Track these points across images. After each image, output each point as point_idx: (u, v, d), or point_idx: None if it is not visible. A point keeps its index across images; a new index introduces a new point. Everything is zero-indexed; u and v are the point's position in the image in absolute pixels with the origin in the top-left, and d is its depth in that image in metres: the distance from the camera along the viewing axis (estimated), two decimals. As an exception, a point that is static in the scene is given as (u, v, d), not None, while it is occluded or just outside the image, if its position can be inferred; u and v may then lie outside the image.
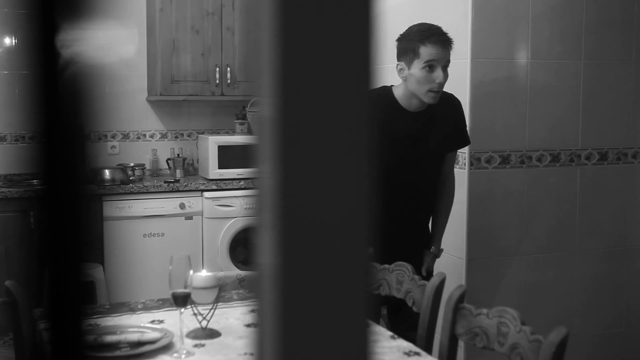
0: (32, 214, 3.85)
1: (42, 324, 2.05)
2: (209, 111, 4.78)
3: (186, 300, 2.02)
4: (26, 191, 3.93)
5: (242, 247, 4.27)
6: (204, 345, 2.01)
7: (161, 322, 2.17)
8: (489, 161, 3.17)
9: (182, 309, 2.01)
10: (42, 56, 0.39)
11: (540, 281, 3.31)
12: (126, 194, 4.08)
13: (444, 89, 2.64)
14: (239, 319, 2.23)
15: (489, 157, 3.17)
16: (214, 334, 2.08)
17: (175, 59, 4.38)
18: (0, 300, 2.09)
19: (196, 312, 2.07)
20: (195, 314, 2.07)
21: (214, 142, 4.29)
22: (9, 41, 4.33)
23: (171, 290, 2.01)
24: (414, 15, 3.18)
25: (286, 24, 0.37)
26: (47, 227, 0.41)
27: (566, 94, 3.28)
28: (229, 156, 4.29)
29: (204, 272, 2.11)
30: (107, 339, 1.97)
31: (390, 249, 2.47)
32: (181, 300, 2.01)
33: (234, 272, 3.29)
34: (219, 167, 4.29)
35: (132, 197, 4.09)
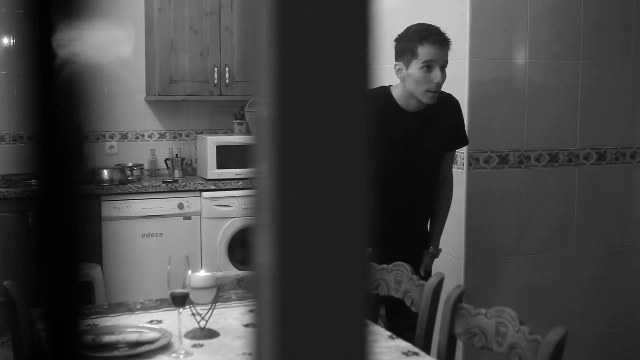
0: (30, 214, 3.84)
1: (41, 324, 2.05)
2: (208, 111, 4.78)
3: (185, 300, 2.02)
4: (24, 191, 3.92)
5: (240, 247, 4.27)
6: (202, 345, 2.01)
7: (159, 322, 2.17)
8: (487, 161, 3.17)
9: (180, 309, 2.01)
10: (40, 56, 0.39)
11: (538, 281, 3.31)
12: (124, 194, 4.08)
13: (442, 89, 2.64)
14: (237, 319, 2.23)
15: (488, 157, 3.17)
16: (212, 334, 2.08)
17: (173, 59, 4.38)
18: (-2, 300, 2.09)
19: (195, 312, 2.07)
20: (193, 314, 2.07)
21: (212, 142, 4.29)
22: (7, 41, 4.33)
23: (169, 290, 2.01)
24: (412, 15, 3.19)
25: (284, 24, 0.37)
26: (45, 227, 0.41)
27: (564, 94, 3.28)
28: (227, 156, 4.29)
29: (203, 272, 2.11)
30: (106, 339, 1.97)
31: (388, 249, 2.47)
32: (180, 300, 2.01)
33: (233, 272, 3.29)
34: (218, 167, 4.29)
35: (131, 197, 4.09)
